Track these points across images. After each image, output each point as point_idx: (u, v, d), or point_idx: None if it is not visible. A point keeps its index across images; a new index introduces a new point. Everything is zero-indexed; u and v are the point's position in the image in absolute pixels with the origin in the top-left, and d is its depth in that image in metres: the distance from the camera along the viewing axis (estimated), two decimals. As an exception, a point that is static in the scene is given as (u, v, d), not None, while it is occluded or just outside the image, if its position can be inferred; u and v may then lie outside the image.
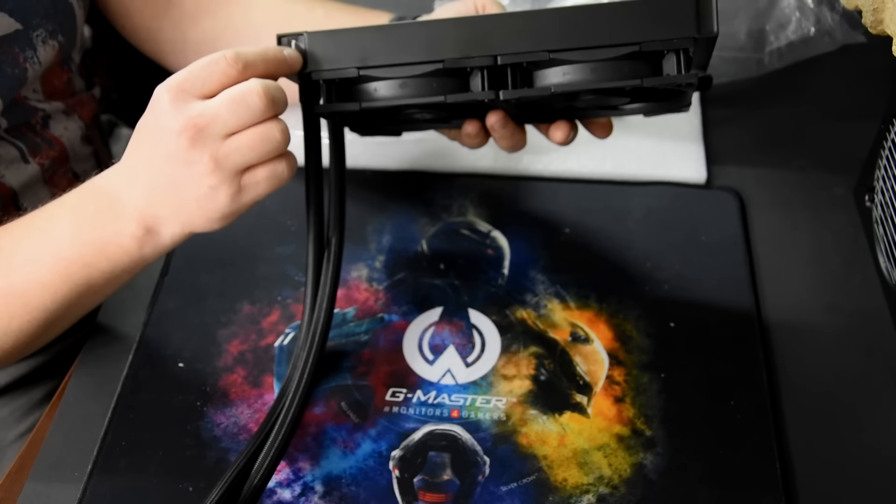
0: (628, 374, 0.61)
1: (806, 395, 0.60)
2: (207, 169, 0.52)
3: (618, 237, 0.69)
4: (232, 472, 0.52)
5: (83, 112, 0.77)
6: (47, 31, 0.67)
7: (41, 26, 0.67)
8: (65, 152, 0.74)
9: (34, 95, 0.70)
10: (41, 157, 0.71)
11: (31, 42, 0.66)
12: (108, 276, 0.57)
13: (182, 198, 0.54)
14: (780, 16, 0.77)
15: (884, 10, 0.59)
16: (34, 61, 0.67)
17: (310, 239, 0.58)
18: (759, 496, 0.55)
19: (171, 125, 0.52)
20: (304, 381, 0.55)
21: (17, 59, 0.65)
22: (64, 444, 0.59)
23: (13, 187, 0.69)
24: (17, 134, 0.69)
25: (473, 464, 0.57)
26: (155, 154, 0.53)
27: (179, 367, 0.62)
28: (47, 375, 0.74)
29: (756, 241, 0.69)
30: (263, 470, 0.53)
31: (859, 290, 0.66)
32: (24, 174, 0.70)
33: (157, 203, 0.54)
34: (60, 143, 0.73)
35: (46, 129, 0.72)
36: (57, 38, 0.69)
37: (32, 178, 0.71)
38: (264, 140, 0.52)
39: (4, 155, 0.68)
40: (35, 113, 0.71)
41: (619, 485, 0.56)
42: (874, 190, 0.66)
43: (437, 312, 0.65)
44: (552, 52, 0.52)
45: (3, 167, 0.68)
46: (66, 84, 0.74)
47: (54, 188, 0.74)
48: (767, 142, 0.76)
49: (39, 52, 0.67)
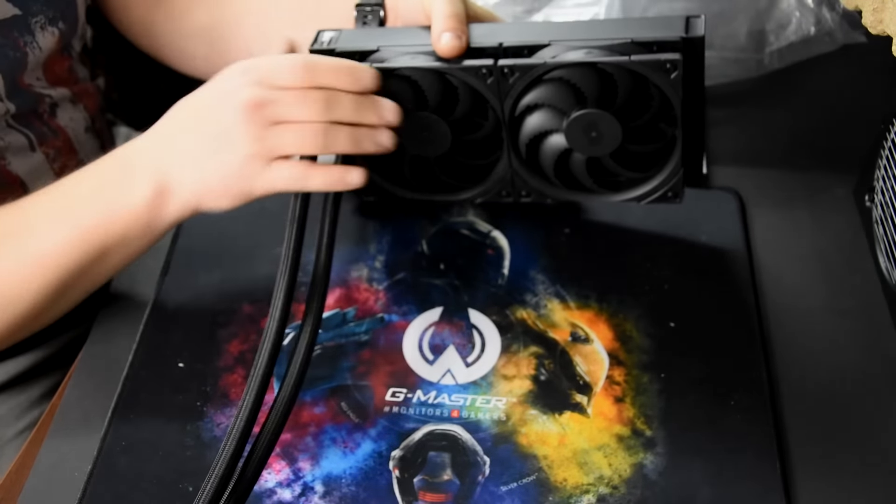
0: (628, 374, 0.61)
1: (806, 395, 0.60)
2: (249, 139, 0.55)
3: (618, 237, 0.69)
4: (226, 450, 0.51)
5: (89, 103, 0.78)
6: (47, 17, 0.68)
7: (41, 13, 0.67)
8: (69, 142, 0.75)
9: (38, 83, 0.71)
10: (46, 146, 0.72)
11: (30, 28, 0.67)
12: (120, 240, 0.58)
13: (208, 164, 0.56)
14: (780, 16, 0.77)
15: (884, 10, 0.59)
16: (34, 46, 0.68)
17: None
18: (759, 496, 0.55)
19: (237, 92, 0.55)
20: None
21: (18, 43, 0.66)
22: (64, 444, 0.59)
23: (20, 175, 0.70)
24: (25, 122, 0.70)
25: (473, 464, 0.57)
26: (200, 118, 0.56)
27: (179, 367, 0.62)
28: (45, 372, 0.74)
29: (756, 241, 0.69)
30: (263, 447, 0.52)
31: (859, 290, 0.66)
32: (31, 163, 0.71)
33: (177, 164, 0.56)
34: (65, 133, 0.74)
35: (53, 118, 0.73)
36: (57, 25, 0.69)
37: (38, 167, 0.71)
38: (308, 138, 0.55)
39: (13, 143, 0.69)
40: (42, 100, 0.71)
41: (619, 485, 0.56)
42: (874, 190, 0.66)
43: (437, 312, 0.65)
44: (553, 41, 0.58)
45: (10, 155, 0.69)
46: (68, 71, 0.74)
47: None
48: (767, 142, 0.76)
49: (38, 38, 0.68)
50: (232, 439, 0.50)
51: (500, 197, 0.64)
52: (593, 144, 0.59)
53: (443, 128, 0.61)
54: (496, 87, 0.58)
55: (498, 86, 0.58)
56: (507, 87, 0.58)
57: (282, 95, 0.55)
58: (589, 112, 0.58)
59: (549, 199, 0.64)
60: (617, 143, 0.59)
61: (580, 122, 0.58)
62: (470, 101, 0.60)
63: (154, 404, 0.60)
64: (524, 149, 0.61)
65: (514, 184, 0.63)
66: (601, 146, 0.59)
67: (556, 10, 0.76)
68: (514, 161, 0.61)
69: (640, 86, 0.57)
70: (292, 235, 0.55)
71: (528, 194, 0.63)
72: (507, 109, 0.59)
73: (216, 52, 0.75)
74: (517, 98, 0.59)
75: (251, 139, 0.55)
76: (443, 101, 0.60)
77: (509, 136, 0.61)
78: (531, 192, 0.63)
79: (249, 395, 0.51)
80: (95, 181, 0.58)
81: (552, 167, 0.61)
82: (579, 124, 0.58)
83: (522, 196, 0.64)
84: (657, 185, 0.62)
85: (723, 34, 0.77)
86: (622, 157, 0.60)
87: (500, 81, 0.58)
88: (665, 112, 0.58)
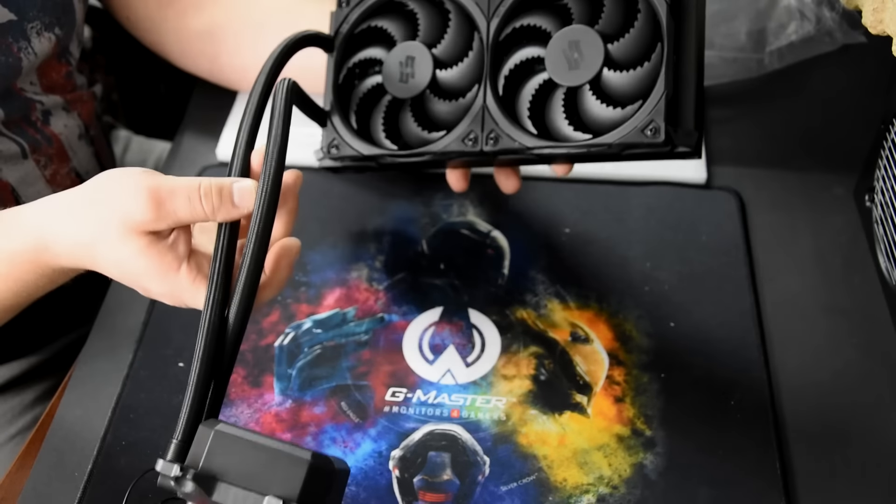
0: (628, 374, 0.61)
1: (806, 396, 0.60)
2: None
3: (618, 237, 0.69)
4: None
5: (83, 110, 0.77)
6: (43, 23, 0.68)
7: (37, 18, 0.67)
8: (63, 150, 0.74)
9: (31, 88, 0.70)
10: (39, 153, 0.71)
11: (26, 33, 0.66)
12: (22, 287, 0.55)
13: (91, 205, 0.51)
14: (780, 16, 0.77)
15: (884, 10, 0.59)
16: (29, 52, 0.67)
17: None
18: (759, 496, 0.55)
19: (132, 192, 0.50)
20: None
21: (11, 49, 0.66)
22: (64, 444, 0.59)
23: (10, 183, 0.70)
24: (18, 130, 0.69)
25: (473, 464, 0.57)
26: (94, 189, 0.52)
27: (179, 367, 0.62)
28: (38, 377, 0.74)
29: (756, 241, 0.69)
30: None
31: (859, 290, 0.66)
32: (22, 170, 0.70)
33: (61, 211, 0.52)
34: (59, 140, 0.73)
35: (47, 126, 0.72)
36: (53, 31, 0.69)
37: (30, 175, 0.71)
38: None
39: (5, 150, 0.68)
40: (33, 106, 0.71)
41: (619, 485, 0.56)
42: (874, 190, 0.66)
43: (437, 312, 0.65)
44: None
45: (2, 162, 0.68)
46: (65, 78, 0.74)
47: (57, 188, 0.74)
48: (767, 142, 0.76)
49: (34, 44, 0.67)
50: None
51: (466, 147, 0.59)
52: (574, 69, 0.57)
53: (426, 58, 0.61)
54: (486, 3, 0.59)
55: (489, 2, 0.59)
56: (497, 1, 0.59)
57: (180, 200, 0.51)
58: (573, 28, 0.57)
59: (517, 143, 0.57)
60: (598, 66, 0.56)
61: (562, 39, 0.57)
62: (458, 25, 0.60)
63: (154, 404, 0.60)
64: (503, 81, 0.59)
65: (484, 124, 0.59)
66: (582, 70, 0.57)
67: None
68: (490, 97, 0.59)
69: (630, 4, 0.56)
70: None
71: (496, 139, 0.58)
72: (494, 30, 0.59)
73: (225, 54, 0.75)
74: (505, 18, 0.59)
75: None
76: (432, 27, 0.61)
77: (490, 65, 0.59)
78: (500, 137, 0.58)
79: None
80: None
81: (528, 102, 0.58)
82: (561, 42, 0.57)
83: (489, 139, 0.58)
84: (635, 122, 0.54)
85: (723, 34, 0.77)
86: (602, 91, 0.57)
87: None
88: (652, 35, 0.56)
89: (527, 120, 0.58)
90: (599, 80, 0.56)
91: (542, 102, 0.58)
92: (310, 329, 0.64)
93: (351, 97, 0.63)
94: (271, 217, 0.51)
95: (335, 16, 0.63)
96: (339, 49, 0.63)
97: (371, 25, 0.63)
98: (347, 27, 0.63)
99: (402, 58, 0.61)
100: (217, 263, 0.50)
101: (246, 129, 0.54)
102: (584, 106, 0.56)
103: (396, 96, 0.61)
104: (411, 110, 0.61)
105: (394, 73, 0.61)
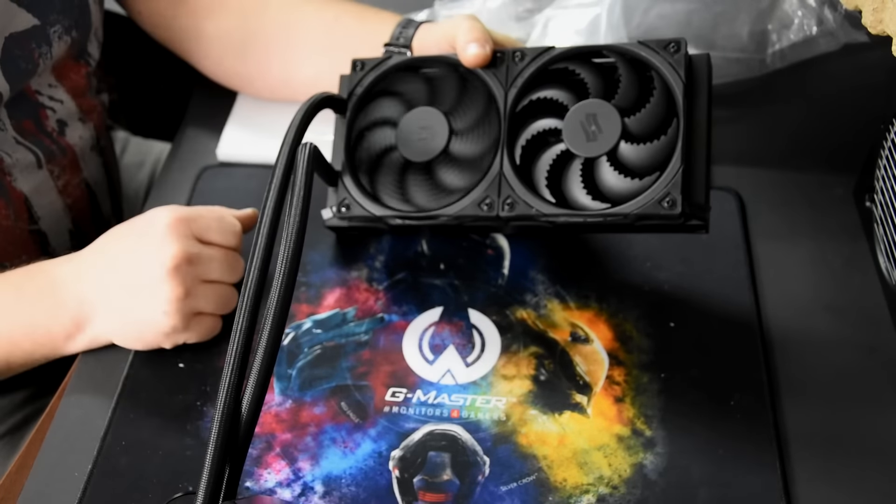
0: (628, 374, 0.61)
1: (806, 395, 0.60)
2: (174, 298, 0.58)
3: (618, 237, 0.69)
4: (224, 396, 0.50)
5: (96, 120, 0.78)
6: (63, 26, 0.68)
7: (58, 22, 0.68)
8: (76, 161, 0.75)
9: (48, 90, 0.71)
10: (53, 163, 0.72)
11: (48, 38, 0.67)
12: (26, 359, 0.61)
13: (130, 315, 0.59)
14: (782, 16, 0.77)
15: (884, 10, 0.59)
16: (47, 56, 0.68)
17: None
18: (759, 496, 0.55)
19: (169, 244, 0.57)
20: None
21: (32, 55, 0.66)
22: (64, 444, 0.59)
23: (24, 192, 0.70)
24: (33, 139, 0.70)
25: (473, 464, 0.57)
26: (128, 261, 0.58)
27: (179, 367, 0.62)
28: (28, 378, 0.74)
29: (756, 241, 0.69)
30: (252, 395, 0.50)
31: (859, 290, 0.66)
32: (36, 180, 0.71)
33: (101, 306, 0.59)
34: (72, 150, 0.74)
35: (62, 136, 0.73)
36: (71, 34, 0.69)
37: (43, 185, 0.72)
38: (225, 299, 0.61)
39: (21, 160, 0.69)
40: (44, 113, 0.71)
41: (619, 485, 0.56)
42: (874, 190, 0.66)
43: (437, 312, 0.65)
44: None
45: (17, 171, 0.69)
46: (86, 78, 0.75)
47: (68, 198, 0.75)
48: (767, 142, 0.76)
49: (54, 47, 0.68)
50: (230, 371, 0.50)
51: (482, 211, 0.60)
52: (591, 140, 0.58)
53: (442, 123, 0.61)
54: (504, 74, 0.61)
55: (506, 73, 0.61)
56: (514, 72, 0.60)
57: (210, 254, 0.60)
58: (590, 101, 0.58)
59: (534, 210, 0.59)
60: (616, 138, 0.58)
61: (580, 112, 0.58)
62: (475, 93, 0.61)
63: (154, 404, 0.60)
64: (520, 150, 0.60)
65: (501, 190, 0.60)
66: (599, 142, 0.58)
67: (557, 10, 0.76)
68: (507, 164, 0.60)
69: (644, 81, 0.58)
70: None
71: (512, 205, 0.59)
72: (511, 100, 0.60)
73: (230, 58, 0.76)
74: (522, 90, 0.60)
75: (175, 298, 0.58)
76: (449, 93, 0.62)
77: (507, 134, 0.61)
78: (516, 203, 0.59)
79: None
80: (17, 298, 0.60)
81: (546, 172, 0.60)
82: (579, 115, 0.58)
83: (505, 205, 0.60)
84: (653, 194, 0.56)
85: (725, 34, 0.77)
86: (619, 162, 0.59)
87: (510, 66, 0.61)
88: (666, 110, 0.57)
89: (544, 188, 0.59)
90: (616, 151, 0.58)
91: (559, 172, 0.59)
92: (310, 329, 0.64)
93: (362, 158, 0.63)
94: (287, 301, 0.51)
95: (349, 79, 0.64)
96: (352, 110, 0.64)
97: (386, 89, 0.64)
98: (362, 90, 0.64)
99: (419, 121, 0.62)
100: (234, 346, 0.50)
101: (273, 195, 0.55)
102: (601, 176, 0.58)
103: (411, 160, 0.62)
104: (425, 173, 0.62)
105: (409, 136, 0.62)
